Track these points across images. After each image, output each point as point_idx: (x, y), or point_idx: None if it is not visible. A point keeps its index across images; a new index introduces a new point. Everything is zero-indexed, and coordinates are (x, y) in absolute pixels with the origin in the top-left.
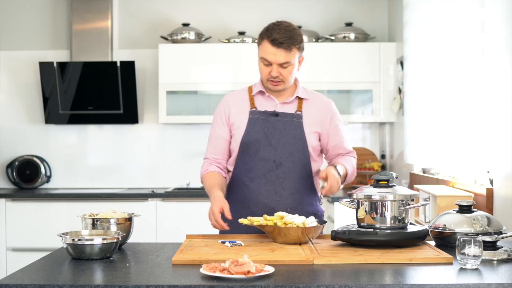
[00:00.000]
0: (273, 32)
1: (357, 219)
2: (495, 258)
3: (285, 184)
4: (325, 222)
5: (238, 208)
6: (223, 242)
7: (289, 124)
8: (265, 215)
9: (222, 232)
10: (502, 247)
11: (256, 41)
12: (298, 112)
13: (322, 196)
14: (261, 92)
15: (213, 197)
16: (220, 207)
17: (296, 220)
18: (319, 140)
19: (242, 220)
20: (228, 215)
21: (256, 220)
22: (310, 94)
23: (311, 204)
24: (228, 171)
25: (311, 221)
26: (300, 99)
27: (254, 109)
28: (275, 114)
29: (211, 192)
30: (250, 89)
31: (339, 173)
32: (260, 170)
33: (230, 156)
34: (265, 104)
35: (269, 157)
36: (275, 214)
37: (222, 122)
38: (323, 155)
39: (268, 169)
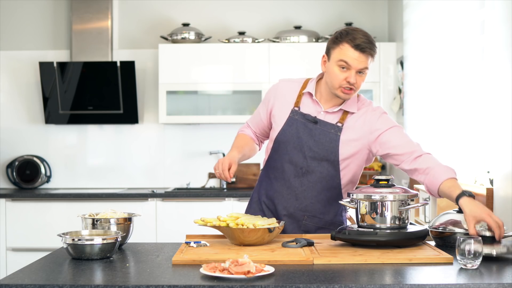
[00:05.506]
0: (356, 36)
1: (357, 219)
2: (494, 252)
3: (307, 193)
4: (284, 222)
5: (264, 201)
6: (188, 243)
7: (325, 134)
8: (219, 215)
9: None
10: (501, 242)
11: (326, 42)
12: (338, 124)
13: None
14: (309, 94)
15: (227, 154)
16: (229, 162)
17: (249, 221)
18: (370, 153)
19: (196, 221)
20: (230, 174)
21: (210, 221)
22: (360, 105)
23: (334, 214)
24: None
25: (269, 223)
26: (346, 111)
27: (296, 109)
28: (315, 121)
29: (231, 150)
30: (304, 83)
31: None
32: (286, 173)
33: (267, 137)
34: (309, 107)
35: (298, 162)
36: (230, 214)
37: (266, 107)
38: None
39: (294, 174)
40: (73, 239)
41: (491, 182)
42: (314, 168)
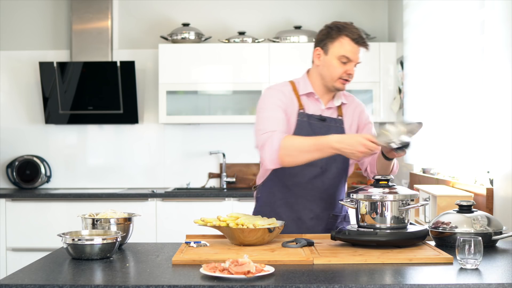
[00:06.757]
0: (352, 30)
1: (357, 219)
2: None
3: (330, 190)
4: (284, 222)
5: (284, 211)
6: (188, 243)
7: (332, 129)
8: (219, 215)
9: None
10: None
11: (313, 38)
12: (339, 117)
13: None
14: (308, 94)
15: (345, 137)
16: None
17: (249, 221)
18: None
19: (196, 221)
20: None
21: (210, 221)
22: (346, 97)
23: (343, 208)
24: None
25: (269, 223)
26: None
27: (302, 111)
28: (323, 119)
29: (322, 139)
30: (293, 86)
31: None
32: (307, 176)
33: None
34: (311, 107)
35: (317, 163)
36: (230, 214)
37: (281, 107)
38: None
39: (315, 175)
40: (73, 239)
41: (491, 182)
42: (331, 164)
